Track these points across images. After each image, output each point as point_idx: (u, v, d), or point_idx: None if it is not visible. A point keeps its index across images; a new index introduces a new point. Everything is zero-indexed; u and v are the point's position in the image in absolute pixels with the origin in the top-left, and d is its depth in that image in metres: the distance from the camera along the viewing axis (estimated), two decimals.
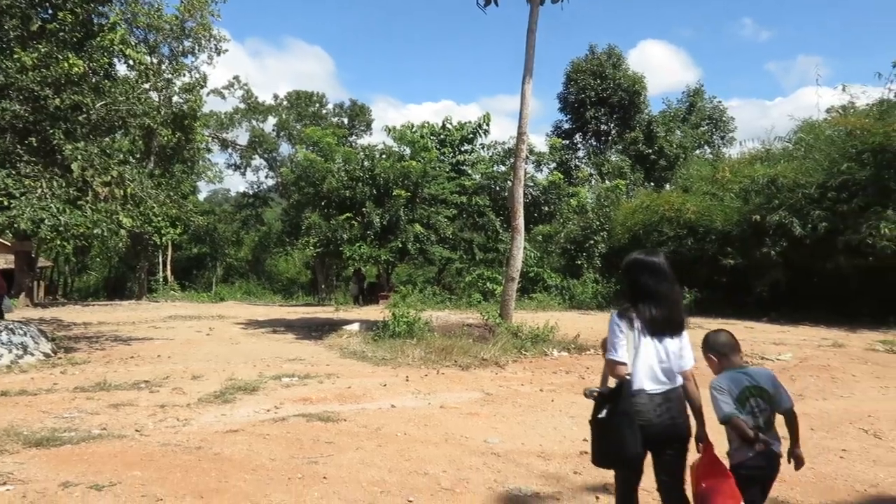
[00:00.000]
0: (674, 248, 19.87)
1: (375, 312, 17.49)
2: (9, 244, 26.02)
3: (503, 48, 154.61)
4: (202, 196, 50.71)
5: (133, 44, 15.04)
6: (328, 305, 25.78)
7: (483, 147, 24.06)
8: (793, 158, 19.29)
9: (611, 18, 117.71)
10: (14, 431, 5.85)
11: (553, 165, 28.24)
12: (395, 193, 15.15)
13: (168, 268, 39.59)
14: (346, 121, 45.74)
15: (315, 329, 15.42)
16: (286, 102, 45.05)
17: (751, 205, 18.12)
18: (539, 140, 69.86)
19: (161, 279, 37.73)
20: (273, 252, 45.11)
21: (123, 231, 12.79)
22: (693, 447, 3.27)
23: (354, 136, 44.21)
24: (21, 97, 11.31)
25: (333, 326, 15.06)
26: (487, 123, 23.56)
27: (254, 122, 43.63)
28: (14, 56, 10.95)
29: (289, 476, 4.77)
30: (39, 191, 10.89)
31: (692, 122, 36.59)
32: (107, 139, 13.33)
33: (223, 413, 6.83)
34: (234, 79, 41.35)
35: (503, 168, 22.30)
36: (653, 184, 31.82)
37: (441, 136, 22.87)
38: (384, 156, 17.53)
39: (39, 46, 11.27)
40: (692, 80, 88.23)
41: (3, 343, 10.51)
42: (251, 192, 46.74)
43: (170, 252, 39.48)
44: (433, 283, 28.62)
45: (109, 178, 11.69)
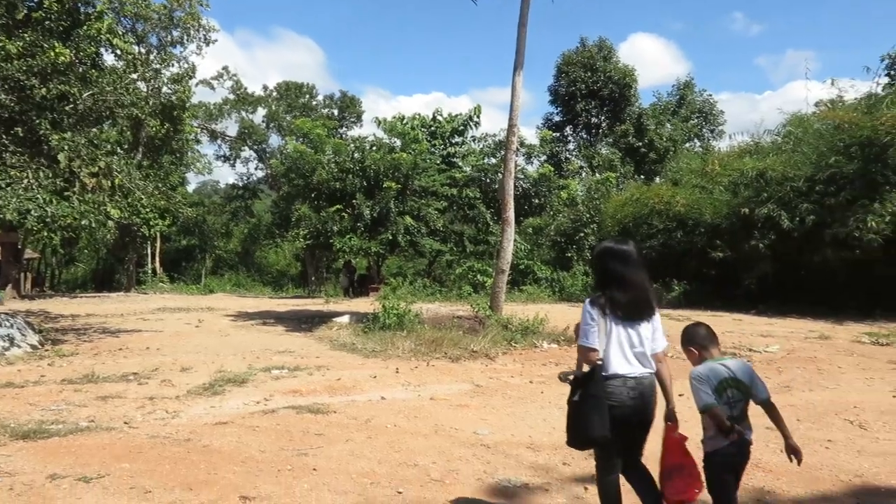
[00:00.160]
0: (663, 241, 19.98)
1: (365, 304, 17.47)
2: None
3: (494, 40, 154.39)
4: (191, 187, 50.59)
5: (120, 33, 14.82)
6: (318, 297, 25.72)
7: (474, 139, 23.95)
8: (781, 152, 19.36)
9: (602, 11, 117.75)
10: (1, 424, 5.80)
11: (543, 158, 28.27)
12: (386, 185, 15.12)
13: (157, 260, 39.34)
14: (337, 112, 45.53)
15: (305, 321, 15.38)
16: (276, 93, 44.75)
17: (740, 198, 18.20)
18: (530, 132, 69.88)
19: (150, 271, 37.50)
20: (263, 244, 44.94)
21: (111, 222, 12.72)
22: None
23: (345, 128, 44.04)
24: (6, 87, 11.16)
25: (323, 318, 15.03)
26: (478, 115, 23.45)
27: (243, 114, 43.34)
28: None
29: (278, 468, 4.77)
30: (25, 181, 10.78)
31: (682, 116, 36.70)
32: (94, 130, 13.19)
33: (212, 405, 6.82)
34: (224, 69, 41.05)
35: (494, 160, 22.24)
36: (643, 177, 31.92)
37: (431, 128, 22.76)
38: (374, 147, 17.48)
39: (25, 35, 11.12)
40: (682, 74, 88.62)
41: None
42: (241, 184, 46.48)
43: (158, 244, 39.22)
44: (423, 276, 28.61)
45: (97, 169, 11.58)
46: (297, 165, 16.46)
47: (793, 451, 3.24)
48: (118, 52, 14.47)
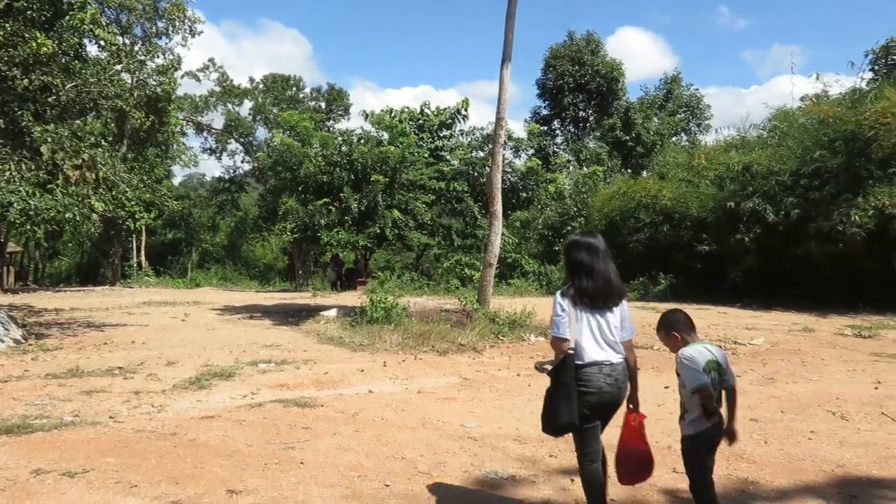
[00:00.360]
0: (650, 235, 20.11)
1: (353, 298, 17.44)
2: None
3: (483, 33, 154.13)
4: (177, 180, 49.96)
5: (104, 24, 14.64)
6: (305, 291, 25.63)
7: (461, 133, 23.91)
8: (767, 146, 19.52)
9: (590, 4, 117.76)
10: None
11: (531, 151, 28.34)
12: (373, 179, 15.04)
13: (142, 253, 38.96)
14: (324, 105, 45.24)
15: (292, 315, 15.33)
16: (262, 86, 44.39)
17: (725, 192, 18.33)
18: (517, 126, 69.37)
19: (135, 265, 37.12)
20: (249, 237, 44.62)
21: (96, 216, 12.63)
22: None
23: (332, 121, 43.79)
24: None
25: (311, 312, 14.99)
26: (466, 109, 23.38)
27: (229, 106, 43.00)
28: None
29: (265, 461, 4.76)
30: (7, 174, 10.64)
31: (669, 110, 36.89)
32: (78, 121, 13.07)
33: (199, 399, 6.78)
34: (210, 61, 40.56)
35: (481, 154, 22.18)
36: (630, 170, 32.07)
37: (419, 122, 22.68)
38: (362, 141, 17.38)
39: (6, 25, 10.94)
40: (670, 68, 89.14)
41: None
42: (227, 177, 46.04)
43: (144, 237, 38.85)
44: (411, 269, 28.63)
45: (81, 162, 11.44)
46: (284, 158, 16.31)
47: (729, 434, 3.34)
48: (102, 43, 14.30)
